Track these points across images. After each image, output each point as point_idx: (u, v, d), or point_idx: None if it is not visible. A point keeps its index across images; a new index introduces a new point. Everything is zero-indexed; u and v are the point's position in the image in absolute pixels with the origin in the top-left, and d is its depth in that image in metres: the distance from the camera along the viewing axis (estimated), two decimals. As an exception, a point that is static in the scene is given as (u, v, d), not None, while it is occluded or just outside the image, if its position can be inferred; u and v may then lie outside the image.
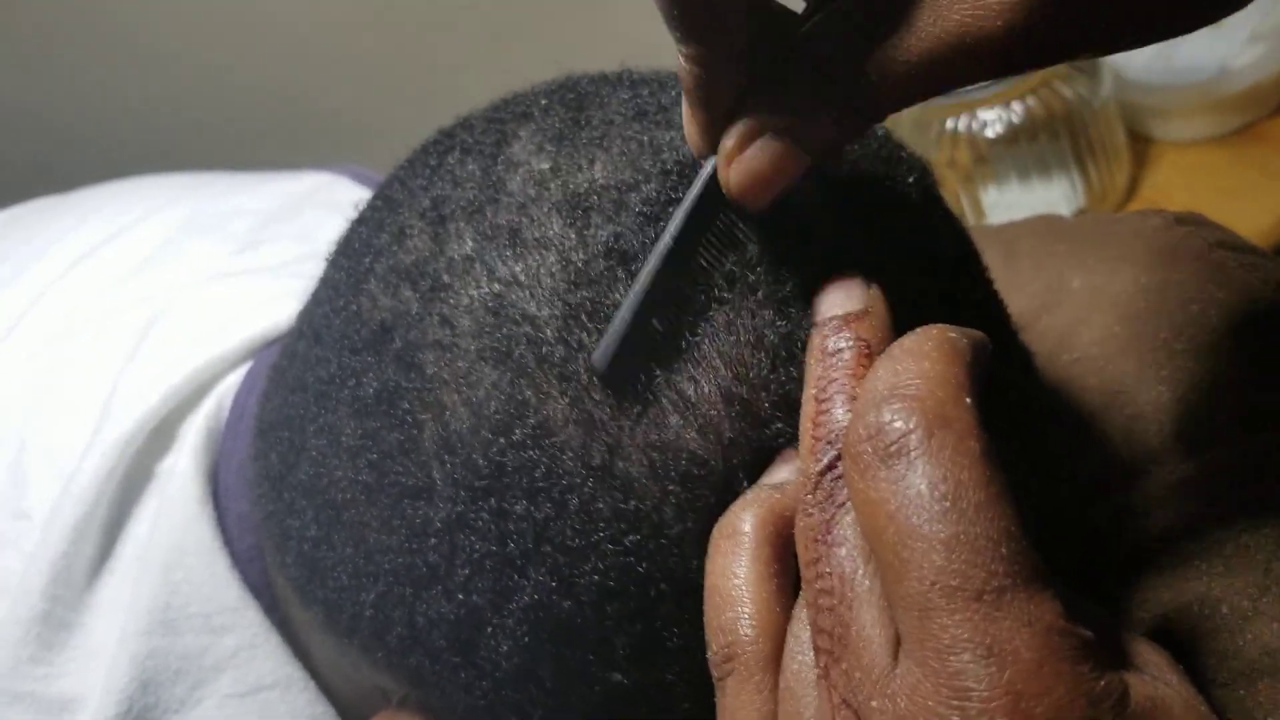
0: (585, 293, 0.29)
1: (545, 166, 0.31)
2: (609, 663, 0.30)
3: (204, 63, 0.98)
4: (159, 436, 0.40)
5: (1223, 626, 0.33)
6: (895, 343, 0.26)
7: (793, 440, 0.28)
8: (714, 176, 0.28)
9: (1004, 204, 0.84)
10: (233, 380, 0.42)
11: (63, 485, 0.39)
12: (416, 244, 0.32)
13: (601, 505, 0.28)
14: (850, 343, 0.27)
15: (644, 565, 0.29)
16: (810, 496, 0.26)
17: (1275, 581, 0.33)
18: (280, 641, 0.38)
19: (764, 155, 0.27)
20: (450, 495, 0.29)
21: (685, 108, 0.28)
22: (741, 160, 0.27)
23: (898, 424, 0.23)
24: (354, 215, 0.36)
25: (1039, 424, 0.35)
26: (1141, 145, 0.91)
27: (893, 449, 0.23)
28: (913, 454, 0.23)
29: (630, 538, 0.28)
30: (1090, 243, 0.45)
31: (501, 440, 0.29)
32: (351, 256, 0.34)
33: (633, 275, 0.29)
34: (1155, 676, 0.25)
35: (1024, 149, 0.82)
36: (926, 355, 0.25)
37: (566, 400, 0.28)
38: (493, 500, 0.29)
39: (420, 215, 0.32)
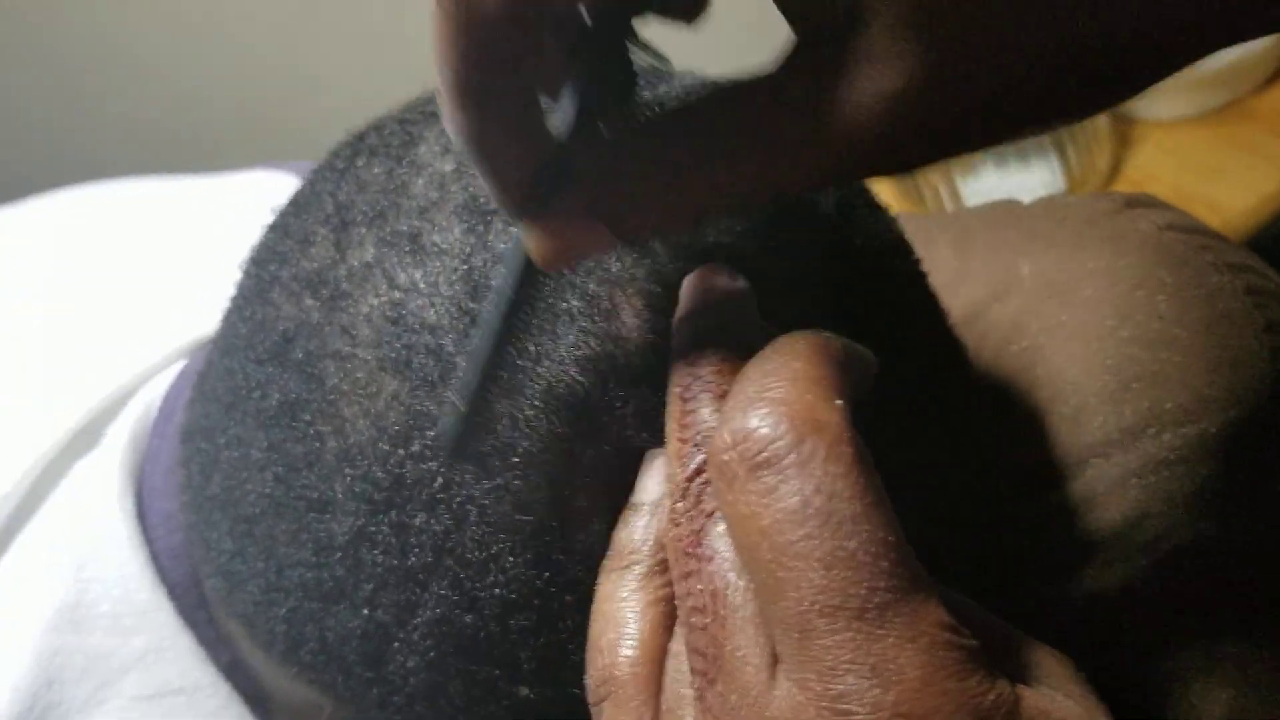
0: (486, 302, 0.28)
1: (448, 169, 0.31)
2: (515, 678, 0.29)
3: (168, 64, 0.98)
4: (83, 437, 0.40)
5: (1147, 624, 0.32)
6: (767, 345, 0.24)
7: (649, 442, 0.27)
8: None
9: (983, 191, 0.83)
10: (164, 379, 0.41)
11: None
12: (319, 251, 0.31)
13: (500, 518, 0.28)
14: None
15: (545, 577, 0.28)
16: (680, 505, 0.24)
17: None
18: (191, 645, 0.37)
19: (573, 236, 0.25)
20: (352, 509, 0.29)
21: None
22: (547, 238, 0.25)
23: (764, 431, 0.22)
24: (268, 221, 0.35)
25: (973, 418, 0.34)
26: (1124, 125, 0.89)
27: (760, 458, 0.22)
28: (783, 464, 0.22)
29: (531, 550, 0.28)
30: (1041, 229, 0.44)
31: (400, 451, 0.28)
32: (260, 264, 0.33)
33: None
34: (1054, 687, 0.24)
35: (1000, 133, 0.81)
36: (797, 355, 0.23)
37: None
38: (393, 513, 0.28)
39: (324, 221, 0.32)
